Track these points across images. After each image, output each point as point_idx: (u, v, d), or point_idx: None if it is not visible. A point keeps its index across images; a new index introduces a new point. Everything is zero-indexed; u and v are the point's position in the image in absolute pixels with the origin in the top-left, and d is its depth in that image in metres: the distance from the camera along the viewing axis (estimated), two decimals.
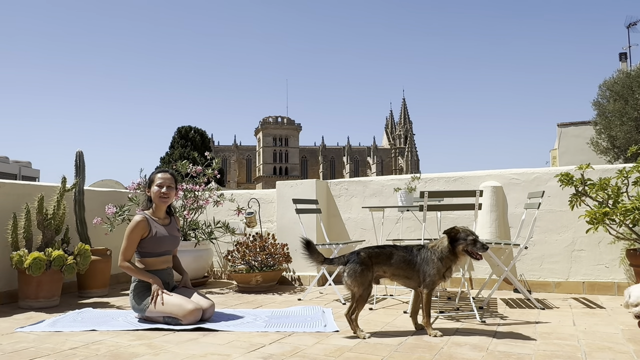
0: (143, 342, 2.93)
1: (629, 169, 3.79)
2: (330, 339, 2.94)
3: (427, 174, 5.28)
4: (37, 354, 2.72)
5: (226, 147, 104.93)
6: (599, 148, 19.03)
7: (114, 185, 10.91)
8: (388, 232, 5.18)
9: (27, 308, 4.08)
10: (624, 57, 26.36)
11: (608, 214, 3.55)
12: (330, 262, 3.17)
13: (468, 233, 3.02)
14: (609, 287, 4.40)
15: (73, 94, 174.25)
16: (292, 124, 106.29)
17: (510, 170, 4.92)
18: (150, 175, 3.75)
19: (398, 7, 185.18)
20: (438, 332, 2.98)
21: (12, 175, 33.99)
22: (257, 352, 2.70)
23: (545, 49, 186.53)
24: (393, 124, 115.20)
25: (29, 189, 4.74)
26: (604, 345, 2.72)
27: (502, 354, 2.58)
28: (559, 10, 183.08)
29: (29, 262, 3.97)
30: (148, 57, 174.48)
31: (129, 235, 3.50)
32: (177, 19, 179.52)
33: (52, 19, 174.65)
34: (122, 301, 4.42)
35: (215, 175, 5.62)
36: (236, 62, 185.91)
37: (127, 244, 3.50)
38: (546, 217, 4.66)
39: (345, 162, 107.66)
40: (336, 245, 4.40)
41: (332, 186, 5.69)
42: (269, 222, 5.84)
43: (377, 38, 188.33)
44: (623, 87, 18.31)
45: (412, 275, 3.07)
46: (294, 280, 5.42)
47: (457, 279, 4.68)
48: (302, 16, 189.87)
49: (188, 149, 43.84)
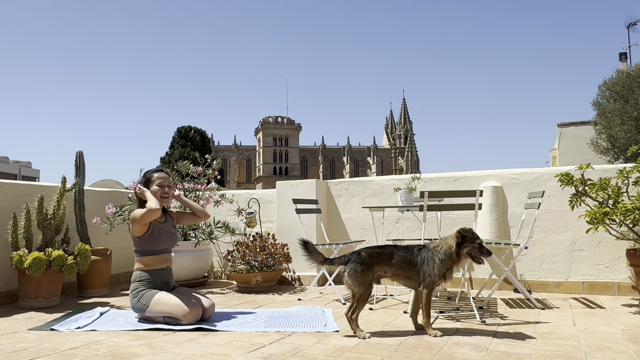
0: (143, 342, 2.93)
1: (629, 169, 3.79)
2: (331, 339, 2.94)
3: (427, 174, 5.28)
4: (37, 354, 2.72)
5: (226, 147, 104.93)
6: (599, 148, 19.02)
7: (114, 185, 10.90)
8: (388, 232, 5.18)
9: (27, 308, 4.08)
10: (624, 57, 26.35)
11: (608, 214, 3.54)
12: (330, 262, 3.17)
13: (476, 236, 3.03)
14: (609, 287, 4.40)
15: (73, 94, 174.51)
16: (292, 124, 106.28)
17: (510, 170, 4.92)
18: (147, 174, 3.73)
19: (398, 7, 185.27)
20: (438, 332, 2.98)
21: (12, 175, 33.99)
22: (257, 352, 2.70)
23: (545, 49, 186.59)
24: (393, 124, 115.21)
25: (29, 189, 4.73)
26: (604, 345, 2.72)
27: (502, 354, 2.58)
28: (559, 10, 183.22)
29: (29, 262, 3.97)
30: (148, 57, 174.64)
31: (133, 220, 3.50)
32: (177, 19, 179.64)
33: (52, 19, 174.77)
34: (122, 301, 4.42)
35: (216, 176, 5.62)
36: (236, 62, 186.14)
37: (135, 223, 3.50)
38: (546, 217, 4.66)
39: (345, 162, 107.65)
40: (336, 245, 4.40)
41: (332, 186, 5.69)
42: (269, 222, 5.84)
43: (377, 38, 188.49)
44: (623, 87, 18.30)
45: (412, 275, 3.07)
46: (294, 280, 5.42)
47: (457, 279, 4.67)
48: (302, 16, 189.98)
49: (188, 149, 43.84)
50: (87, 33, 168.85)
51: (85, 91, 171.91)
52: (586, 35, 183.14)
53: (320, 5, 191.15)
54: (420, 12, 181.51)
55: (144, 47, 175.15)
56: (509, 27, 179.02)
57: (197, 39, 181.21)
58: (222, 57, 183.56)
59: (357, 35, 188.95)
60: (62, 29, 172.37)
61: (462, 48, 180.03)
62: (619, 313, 3.59)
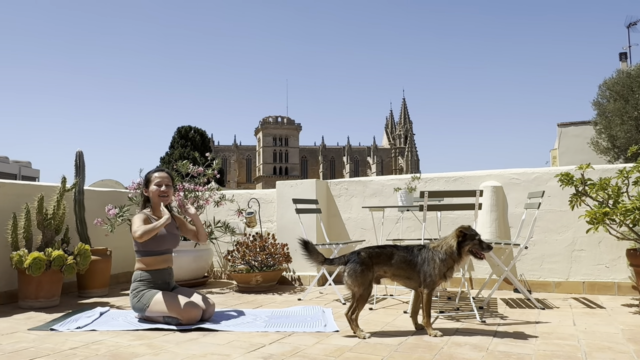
0: (143, 342, 2.93)
1: (629, 169, 3.79)
2: (331, 339, 2.94)
3: (427, 174, 5.28)
4: (37, 354, 2.72)
5: (226, 147, 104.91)
6: (599, 148, 19.01)
7: (114, 185, 10.89)
8: (388, 232, 5.18)
9: (27, 308, 4.08)
10: (624, 57, 26.35)
11: (608, 214, 3.54)
12: (330, 262, 3.17)
13: (475, 233, 3.04)
14: (609, 287, 4.40)
15: (73, 94, 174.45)
16: (292, 123, 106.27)
17: (510, 170, 4.92)
18: (147, 174, 3.76)
19: (398, 7, 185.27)
20: (438, 332, 2.98)
21: (12, 175, 33.97)
22: (257, 352, 2.70)
23: (545, 49, 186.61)
24: (393, 123, 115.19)
25: (28, 189, 4.73)
26: (604, 345, 2.72)
27: (502, 354, 2.58)
28: (559, 10, 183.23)
29: (29, 262, 3.97)
30: (148, 57, 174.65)
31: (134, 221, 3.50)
32: (176, 19, 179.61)
33: (52, 19, 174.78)
34: (122, 301, 4.42)
35: (215, 176, 5.62)
36: (236, 62, 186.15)
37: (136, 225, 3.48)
38: (546, 217, 4.66)
39: (345, 162, 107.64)
40: (336, 245, 4.40)
41: (332, 186, 5.69)
42: (269, 222, 5.83)
43: (377, 38, 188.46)
44: (623, 87, 18.29)
45: (412, 275, 3.07)
46: (294, 280, 5.42)
47: (457, 279, 4.68)
48: (302, 16, 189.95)
49: (188, 149, 43.87)
50: (87, 33, 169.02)
51: (85, 91, 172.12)
52: (586, 35, 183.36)
53: (320, 5, 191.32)
54: (420, 12, 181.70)
55: (144, 47, 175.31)
56: (509, 27, 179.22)
57: (196, 39, 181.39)
58: (222, 57, 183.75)
59: (357, 35, 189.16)
60: (62, 29, 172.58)
61: (462, 48, 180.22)
62: (619, 313, 3.59)
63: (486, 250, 3.03)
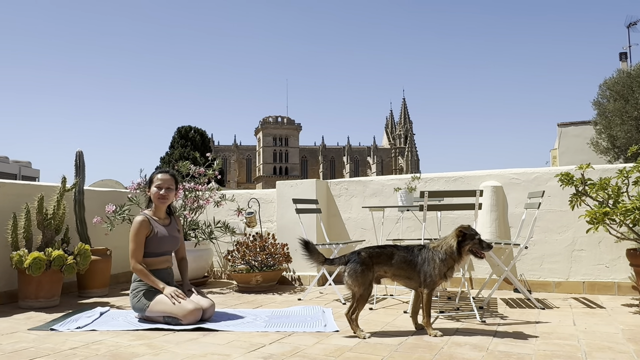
0: (143, 342, 2.93)
1: (629, 169, 3.79)
2: (331, 339, 2.94)
3: (427, 174, 5.28)
4: (37, 354, 2.72)
5: (226, 147, 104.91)
6: (599, 148, 19.01)
7: (114, 185, 10.89)
8: (388, 232, 5.18)
9: (27, 308, 4.08)
10: (624, 57, 26.34)
11: (608, 213, 3.54)
12: (330, 262, 3.17)
13: (475, 233, 3.04)
14: (609, 287, 4.40)
15: (73, 94, 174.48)
16: (292, 123, 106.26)
17: (510, 170, 4.92)
18: (151, 175, 3.76)
19: (399, 7, 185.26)
20: (438, 332, 2.98)
21: (12, 175, 33.97)
22: (257, 352, 2.70)
23: (545, 49, 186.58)
24: (393, 123, 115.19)
25: (28, 189, 4.73)
26: (604, 345, 2.72)
27: (502, 353, 2.58)
28: (559, 10, 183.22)
29: (29, 262, 3.97)
30: (148, 57, 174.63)
31: (134, 237, 3.49)
32: (177, 18, 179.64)
33: (52, 19, 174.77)
34: (122, 301, 4.42)
35: (216, 176, 5.62)
36: (236, 62, 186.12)
37: (135, 245, 3.48)
38: (546, 217, 4.66)
39: (345, 162, 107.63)
40: (336, 245, 4.40)
41: (332, 186, 5.69)
42: (269, 222, 5.83)
43: (377, 38, 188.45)
44: (623, 86, 18.28)
45: (413, 275, 3.07)
46: (294, 280, 5.42)
47: (457, 279, 4.67)
48: (302, 16, 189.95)
49: (188, 149, 43.90)
50: (87, 33, 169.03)
51: (85, 91, 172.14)
52: (586, 35, 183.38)
53: (321, 5, 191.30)
54: (420, 12, 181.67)
55: (144, 47, 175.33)
56: (509, 27, 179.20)
57: (197, 39, 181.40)
58: (222, 57, 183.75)
59: (357, 36, 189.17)
60: (61, 29, 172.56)
61: (462, 48, 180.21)
62: (619, 313, 3.59)
63: (486, 249, 3.04)
